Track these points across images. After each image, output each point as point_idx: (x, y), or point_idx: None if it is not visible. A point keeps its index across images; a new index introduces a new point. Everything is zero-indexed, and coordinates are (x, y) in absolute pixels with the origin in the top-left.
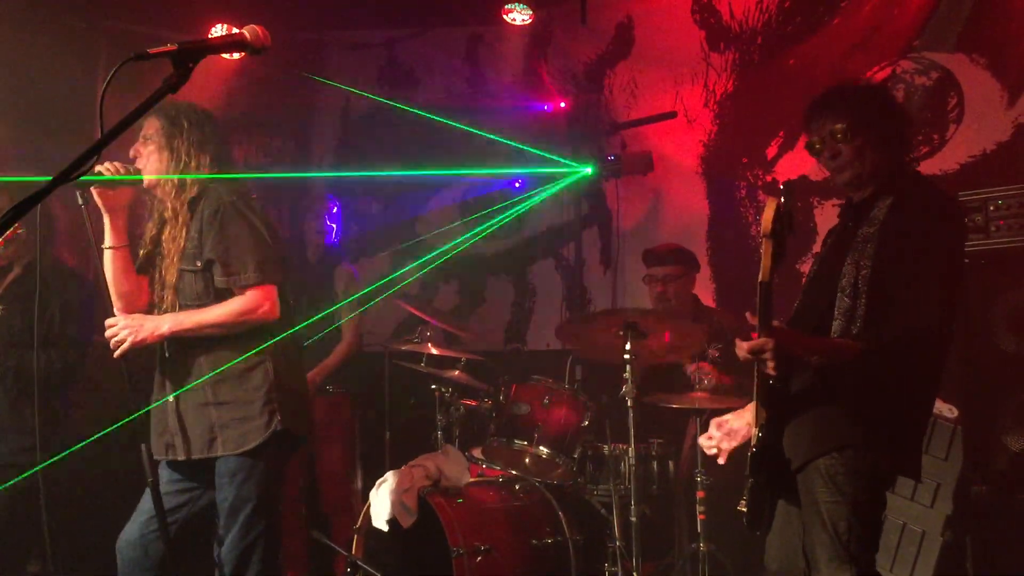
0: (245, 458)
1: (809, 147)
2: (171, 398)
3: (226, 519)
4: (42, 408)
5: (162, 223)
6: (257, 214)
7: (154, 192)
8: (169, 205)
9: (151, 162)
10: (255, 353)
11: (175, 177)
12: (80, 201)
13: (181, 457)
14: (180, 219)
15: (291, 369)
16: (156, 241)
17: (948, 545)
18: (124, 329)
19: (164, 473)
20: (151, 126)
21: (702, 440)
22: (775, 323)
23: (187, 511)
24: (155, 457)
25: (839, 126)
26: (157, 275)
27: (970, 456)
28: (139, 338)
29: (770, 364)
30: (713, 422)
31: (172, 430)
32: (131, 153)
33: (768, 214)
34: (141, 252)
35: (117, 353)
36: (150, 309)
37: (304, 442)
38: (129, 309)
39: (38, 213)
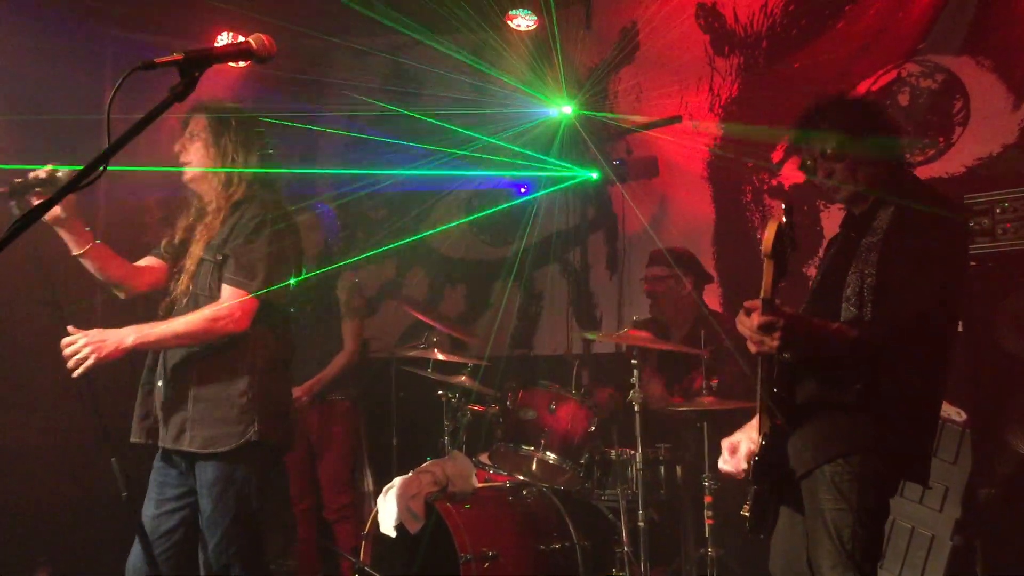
0: (222, 468)
1: (803, 167)
2: (160, 383)
3: (207, 531)
4: None
5: (200, 215)
6: (293, 234)
7: (197, 187)
8: (214, 198)
9: (197, 158)
10: (242, 361)
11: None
12: (16, 212)
13: (164, 445)
14: (221, 214)
15: (277, 381)
16: (191, 229)
17: (957, 549)
18: (86, 347)
19: (154, 496)
20: (198, 123)
21: (721, 465)
22: (778, 303)
23: (183, 532)
24: (133, 439)
25: (829, 145)
26: (183, 258)
27: (979, 459)
28: (103, 354)
29: (775, 343)
30: (725, 445)
31: (155, 415)
32: (176, 148)
33: (769, 235)
34: (174, 240)
35: (77, 372)
36: (165, 291)
37: (285, 453)
38: (132, 292)
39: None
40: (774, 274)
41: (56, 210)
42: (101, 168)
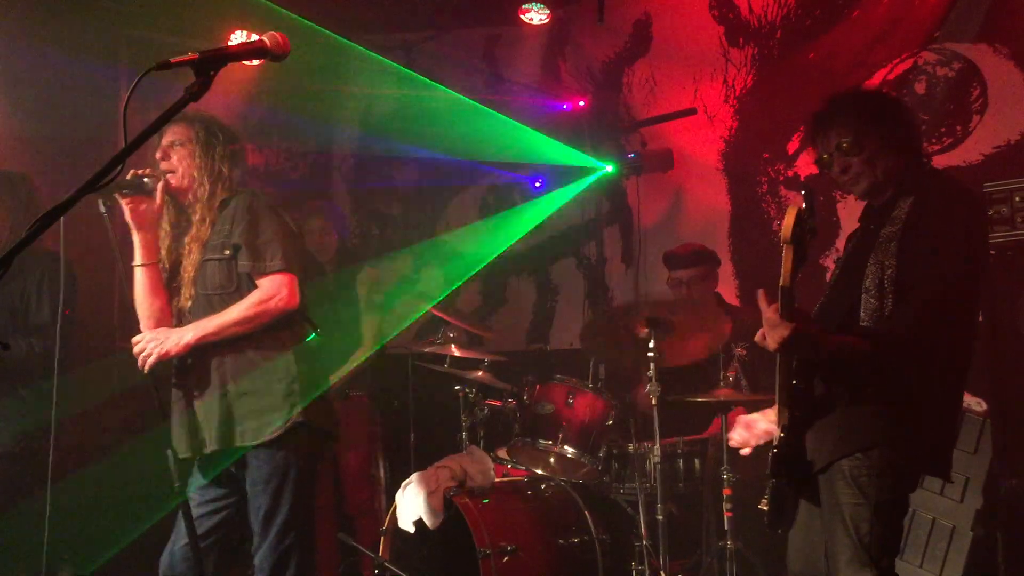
0: (275, 461)
1: (819, 162)
2: (196, 392)
3: (261, 527)
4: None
5: (185, 227)
6: (286, 215)
7: (183, 198)
8: (199, 209)
9: (183, 168)
10: (277, 347)
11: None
12: (102, 209)
13: (207, 450)
14: (208, 220)
15: (312, 364)
16: (178, 244)
17: (979, 540)
18: (150, 343)
19: (196, 495)
20: (182, 133)
21: (731, 435)
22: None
23: (223, 531)
24: (181, 456)
25: (845, 139)
26: (177, 276)
27: (999, 450)
28: (164, 350)
29: (773, 344)
30: (740, 420)
31: (195, 426)
32: (158, 155)
33: (788, 221)
34: (166, 265)
35: (145, 368)
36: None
37: (331, 438)
38: (158, 327)
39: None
40: (793, 261)
41: (149, 212)
42: (119, 168)
